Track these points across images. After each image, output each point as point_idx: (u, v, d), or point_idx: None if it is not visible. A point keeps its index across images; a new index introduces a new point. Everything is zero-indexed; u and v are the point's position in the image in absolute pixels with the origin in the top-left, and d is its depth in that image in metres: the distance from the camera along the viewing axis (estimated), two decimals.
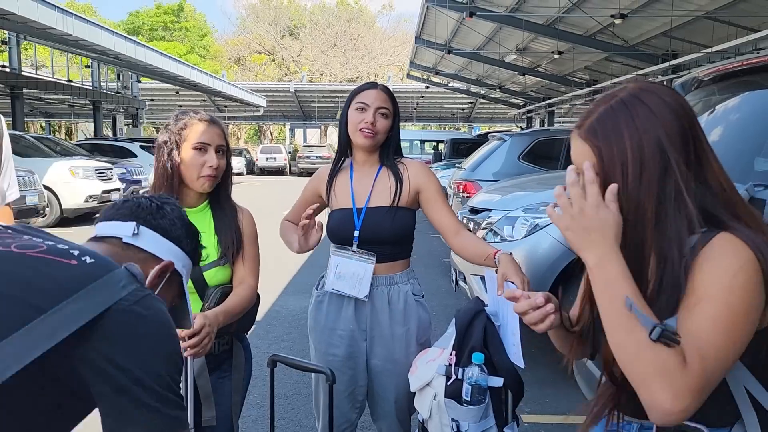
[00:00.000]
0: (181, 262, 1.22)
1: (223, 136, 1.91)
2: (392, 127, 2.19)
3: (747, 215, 1.09)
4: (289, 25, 51.80)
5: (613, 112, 1.09)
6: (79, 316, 0.90)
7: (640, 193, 1.06)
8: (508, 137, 8.23)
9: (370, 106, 2.11)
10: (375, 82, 2.22)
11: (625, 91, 1.12)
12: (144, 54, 17.19)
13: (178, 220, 1.24)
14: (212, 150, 1.85)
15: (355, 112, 2.14)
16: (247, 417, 3.48)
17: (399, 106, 2.23)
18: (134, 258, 1.13)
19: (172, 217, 1.22)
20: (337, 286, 2.16)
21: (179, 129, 1.85)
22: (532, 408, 3.63)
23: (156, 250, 1.18)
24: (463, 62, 22.06)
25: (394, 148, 2.22)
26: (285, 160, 30.93)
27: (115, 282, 0.97)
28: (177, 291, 1.23)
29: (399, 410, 2.23)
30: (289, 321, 5.46)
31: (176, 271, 1.20)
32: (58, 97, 23.71)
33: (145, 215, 1.19)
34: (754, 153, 2.72)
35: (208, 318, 1.69)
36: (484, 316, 1.82)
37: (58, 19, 12.37)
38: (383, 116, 2.13)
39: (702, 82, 3.07)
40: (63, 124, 43.45)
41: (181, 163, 1.85)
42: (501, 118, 38.27)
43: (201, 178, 1.85)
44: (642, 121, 1.07)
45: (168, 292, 1.19)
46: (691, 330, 1.00)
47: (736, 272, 1.00)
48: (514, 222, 4.29)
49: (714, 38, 11.90)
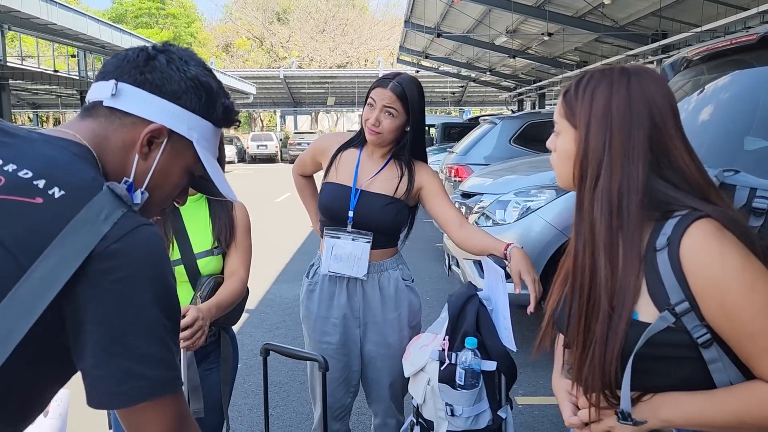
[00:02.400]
0: (185, 124, 0.99)
1: None
2: (403, 127, 2.12)
3: (716, 197, 1.09)
4: (277, 11, 51.33)
5: (594, 76, 1.14)
6: (56, 277, 0.78)
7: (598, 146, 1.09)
8: (499, 120, 8.22)
9: (376, 104, 2.08)
10: (389, 79, 2.11)
11: (620, 65, 1.16)
12: (130, 42, 17.02)
13: (177, 72, 0.98)
14: None
15: (367, 107, 2.12)
16: (242, 405, 3.49)
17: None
18: (121, 127, 0.96)
19: (165, 69, 0.98)
20: (334, 268, 2.14)
21: None
22: (525, 390, 3.66)
23: (142, 112, 0.96)
24: (453, 46, 21.95)
25: (408, 147, 2.15)
26: (276, 147, 30.77)
27: (93, 216, 0.82)
28: (190, 161, 1.02)
29: (394, 393, 2.25)
30: (283, 309, 5.46)
31: (180, 136, 0.99)
32: (45, 88, 23.51)
33: (129, 69, 0.97)
34: (743, 132, 2.73)
35: (201, 311, 1.68)
36: (476, 300, 1.83)
37: (42, 9, 12.23)
38: (389, 115, 2.07)
39: (691, 61, 3.06)
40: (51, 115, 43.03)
41: None
42: (492, 101, 38.16)
43: None
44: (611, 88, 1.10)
45: (175, 164, 1.01)
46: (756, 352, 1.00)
47: (737, 265, 1.00)
48: (506, 206, 4.29)
49: (704, 17, 11.87)
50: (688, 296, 1.02)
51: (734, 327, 1.00)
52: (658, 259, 1.04)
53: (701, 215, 1.03)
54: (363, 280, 2.15)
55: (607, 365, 1.05)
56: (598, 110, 1.09)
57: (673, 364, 1.06)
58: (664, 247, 1.04)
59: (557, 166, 1.19)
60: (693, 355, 1.04)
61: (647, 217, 1.07)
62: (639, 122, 1.07)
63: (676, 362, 1.05)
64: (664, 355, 1.05)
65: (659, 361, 1.05)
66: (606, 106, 1.09)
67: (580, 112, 1.11)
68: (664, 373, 1.07)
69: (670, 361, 1.05)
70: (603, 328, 1.06)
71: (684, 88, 3.06)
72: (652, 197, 1.07)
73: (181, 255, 1.85)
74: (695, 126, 2.73)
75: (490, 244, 1.97)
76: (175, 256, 1.85)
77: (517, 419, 3.27)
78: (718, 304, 1.00)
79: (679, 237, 1.02)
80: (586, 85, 1.13)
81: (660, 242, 1.05)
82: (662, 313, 1.03)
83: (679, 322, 1.02)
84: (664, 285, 1.03)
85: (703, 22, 11.71)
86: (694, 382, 1.06)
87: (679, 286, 1.02)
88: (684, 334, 1.03)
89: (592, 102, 1.10)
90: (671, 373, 1.07)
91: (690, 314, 1.02)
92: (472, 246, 2.05)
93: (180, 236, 1.86)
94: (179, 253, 1.85)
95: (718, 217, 1.03)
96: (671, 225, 1.04)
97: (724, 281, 1.00)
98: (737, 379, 1.04)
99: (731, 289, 0.99)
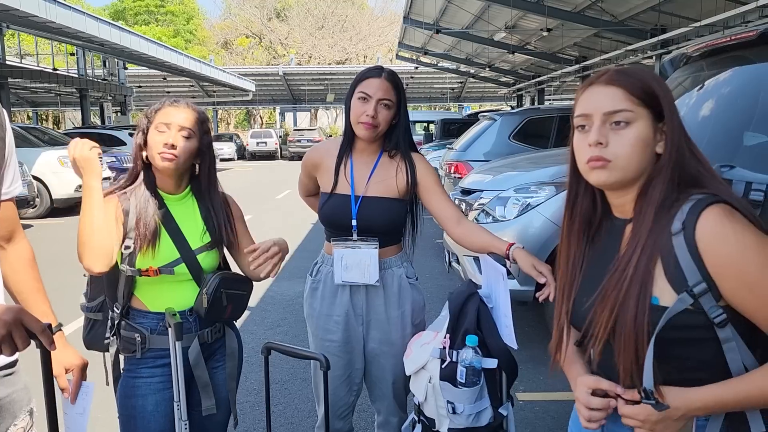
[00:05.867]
0: None
1: (193, 120, 1.87)
2: (396, 116, 2.12)
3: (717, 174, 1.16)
4: (276, 7, 51.22)
5: (627, 68, 1.18)
6: None
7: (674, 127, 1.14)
8: (499, 117, 8.21)
9: (372, 97, 2.04)
10: (380, 68, 2.11)
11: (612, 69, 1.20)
12: (129, 40, 16.97)
13: None
14: (174, 130, 1.83)
15: (357, 101, 2.07)
16: (245, 403, 3.50)
17: None
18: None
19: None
20: (347, 278, 2.14)
21: (151, 113, 1.88)
22: (526, 386, 3.67)
23: None
24: (452, 41, 21.90)
25: (401, 138, 2.15)
26: (276, 144, 30.78)
27: None
28: None
29: (396, 391, 2.26)
30: (284, 306, 5.47)
31: None
32: (44, 86, 23.43)
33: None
34: (743, 128, 2.73)
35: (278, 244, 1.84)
36: (477, 298, 1.83)
37: (41, 7, 12.18)
38: (386, 107, 2.06)
39: (690, 58, 3.06)
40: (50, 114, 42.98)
41: (146, 144, 1.87)
42: (491, 97, 38.10)
43: (158, 155, 1.83)
44: (655, 76, 1.16)
45: None
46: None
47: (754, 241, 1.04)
48: (506, 202, 4.30)
49: (703, 11, 11.85)
50: (705, 277, 1.05)
51: (758, 297, 1.03)
52: (675, 243, 1.07)
53: (715, 200, 1.07)
54: (376, 286, 2.15)
55: (639, 351, 1.08)
56: (668, 92, 1.15)
57: (689, 346, 1.09)
58: (680, 231, 1.07)
59: (631, 156, 1.14)
60: (708, 336, 1.08)
61: None
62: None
63: (691, 344, 1.09)
64: (680, 338, 1.08)
65: (676, 344, 1.09)
66: (668, 88, 1.15)
67: (660, 94, 1.14)
68: (680, 356, 1.10)
69: (686, 343, 1.09)
70: (632, 314, 1.09)
71: (684, 84, 3.06)
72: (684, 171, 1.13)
73: (181, 253, 1.85)
74: (695, 122, 2.73)
75: (490, 243, 1.96)
76: (174, 255, 1.84)
77: (518, 415, 3.28)
78: (739, 280, 1.04)
79: (694, 220, 1.06)
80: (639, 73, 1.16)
81: (675, 227, 1.08)
82: (680, 295, 1.06)
83: (697, 303, 1.06)
84: (681, 268, 1.07)
85: (702, 17, 11.68)
86: (708, 365, 1.09)
87: (696, 268, 1.06)
88: (701, 315, 1.06)
89: (660, 84, 1.15)
90: (688, 356, 1.10)
91: (707, 295, 1.06)
92: (471, 243, 2.05)
93: (175, 235, 1.86)
94: (178, 252, 1.85)
95: (732, 201, 1.07)
96: (686, 210, 1.08)
97: (745, 256, 1.03)
98: (749, 359, 1.08)
99: (752, 264, 1.03)
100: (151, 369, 1.86)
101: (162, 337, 1.84)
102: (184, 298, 1.87)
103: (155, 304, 1.86)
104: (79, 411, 1.69)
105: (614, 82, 1.15)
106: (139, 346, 1.84)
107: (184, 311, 1.86)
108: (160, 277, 1.82)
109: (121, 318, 1.85)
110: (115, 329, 1.86)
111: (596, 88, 1.17)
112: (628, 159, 1.13)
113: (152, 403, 1.85)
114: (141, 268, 1.80)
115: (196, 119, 1.88)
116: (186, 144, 1.85)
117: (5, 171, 1.52)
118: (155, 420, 1.85)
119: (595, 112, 1.15)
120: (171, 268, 1.82)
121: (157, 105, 1.89)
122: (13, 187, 1.56)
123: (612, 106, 1.13)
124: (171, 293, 1.86)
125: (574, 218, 1.28)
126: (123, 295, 1.84)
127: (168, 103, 1.89)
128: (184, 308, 1.86)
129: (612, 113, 1.13)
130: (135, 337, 1.83)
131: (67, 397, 1.67)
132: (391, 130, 2.14)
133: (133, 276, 1.82)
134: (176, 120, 1.84)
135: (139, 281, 1.85)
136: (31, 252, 1.66)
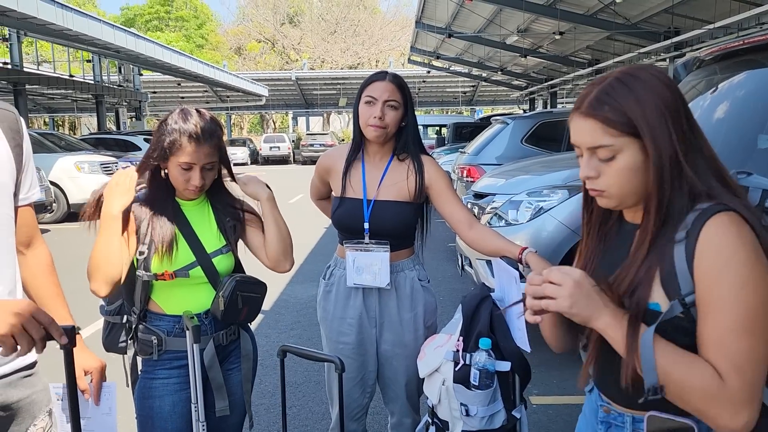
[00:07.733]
0: None
1: (214, 152, 1.83)
2: (404, 118, 2.15)
3: (733, 185, 1.13)
4: (289, 12, 51.51)
5: (610, 87, 1.12)
6: None
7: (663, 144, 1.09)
8: (511, 120, 8.20)
9: (378, 99, 2.09)
10: (384, 72, 2.18)
11: (615, 73, 1.15)
12: (145, 47, 17.15)
13: None
14: (197, 169, 1.81)
15: (364, 106, 2.12)
16: (259, 405, 3.53)
17: None
18: None
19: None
20: (358, 281, 2.17)
21: (168, 144, 1.78)
22: (539, 390, 3.67)
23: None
24: (464, 45, 21.92)
25: (410, 140, 2.18)
26: (288, 148, 30.87)
27: None
28: None
29: (410, 393, 2.28)
30: (298, 309, 5.50)
31: None
32: (61, 93, 23.73)
33: None
34: (757, 131, 2.72)
35: None
36: (490, 301, 1.84)
37: (58, 15, 12.35)
38: (392, 108, 2.10)
39: (704, 61, 3.06)
40: (66, 119, 43.50)
41: (168, 171, 1.85)
42: (503, 100, 38.05)
43: (186, 191, 1.85)
44: (639, 92, 1.10)
45: None
46: (715, 341, 1.01)
47: (742, 261, 1.01)
48: (519, 206, 4.30)
49: (716, 13, 11.77)
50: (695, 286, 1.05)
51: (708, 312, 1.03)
52: (675, 250, 1.07)
53: (722, 209, 1.05)
54: (387, 289, 2.17)
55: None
56: (651, 111, 1.09)
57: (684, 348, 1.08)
58: (683, 240, 1.07)
59: (623, 186, 1.13)
60: None
61: None
62: (676, 109, 1.10)
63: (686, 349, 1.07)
64: (675, 341, 1.07)
65: None
66: (653, 104, 1.09)
67: (638, 119, 1.09)
68: None
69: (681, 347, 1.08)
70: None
71: (697, 88, 3.05)
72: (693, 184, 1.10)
73: (196, 257, 1.87)
74: (709, 125, 2.73)
75: (503, 246, 1.98)
76: (190, 259, 1.87)
77: (532, 419, 3.28)
78: (702, 293, 1.03)
79: (698, 230, 1.05)
80: (618, 95, 1.10)
81: (679, 235, 1.08)
82: (672, 302, 1.06)
83: (687, 312, 1.05)
84: (677, 276, 1.06)
85: (716, 19, 11.60)
86: None
87: (690, 277, 1.05)
88: (693, 323, 1.06)
89: (640, 105, 1.09)
90: None
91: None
92: (484, 247, 2.06)
93: (191, 239, 1.88)
94: (194, 256, 1.87)
95: (740, 211, 1.05)
96: (692, 218, 1.07)
97: (721, 274, 1.01)
98: None
99: (724, 282, 1.01)
100: (168, 370, 1.89)
101: (178, 339, 1.87)
102: (199, 301, 1.90)
103: (171, 307, 1.88)
104: (105, 411, 1.72)
105: (592, 115, 1.11)
106: (155, 348, 1.87)
107: (200, 314, 1.89)
108: (175, 281, 1.85)
109: (138, 321, 1.89)
110: (132, 332, 1.90)
111: (577, 120, 1.15)
112: (620, 188, 1.13)
113: (169, 403, 1.88)
114: (157, 273, 1.83)
115: (215, 147, 1.84)
116: (210, 174, 1.86)
117: (23, 177, 1.55)
118: (172, 420, 1.88)
119: (581, 146, 1.15)
120: (186, 272, 1.85)
121: (175, 138, 1.78)
122: (31, 193, 1.59)
123: (592, 142, 1.12)
124: (187, 296, 1.89)
125: (590, 218, 1.30)
126: (140, 299, 1.87)
127: (186, 137, 1.78)
128: (200, 311, 1.89)
129: (594, 149, 1.13)
130: (152, 340, 1.86)
131: (87, 398, 1.70)
132: (399, 132, 2.17)
133: (150, 281, 1.85)
134: (200, 161, 1.80)
135: (155, 285, 1.87)
136: (50, 257, 1.69)
